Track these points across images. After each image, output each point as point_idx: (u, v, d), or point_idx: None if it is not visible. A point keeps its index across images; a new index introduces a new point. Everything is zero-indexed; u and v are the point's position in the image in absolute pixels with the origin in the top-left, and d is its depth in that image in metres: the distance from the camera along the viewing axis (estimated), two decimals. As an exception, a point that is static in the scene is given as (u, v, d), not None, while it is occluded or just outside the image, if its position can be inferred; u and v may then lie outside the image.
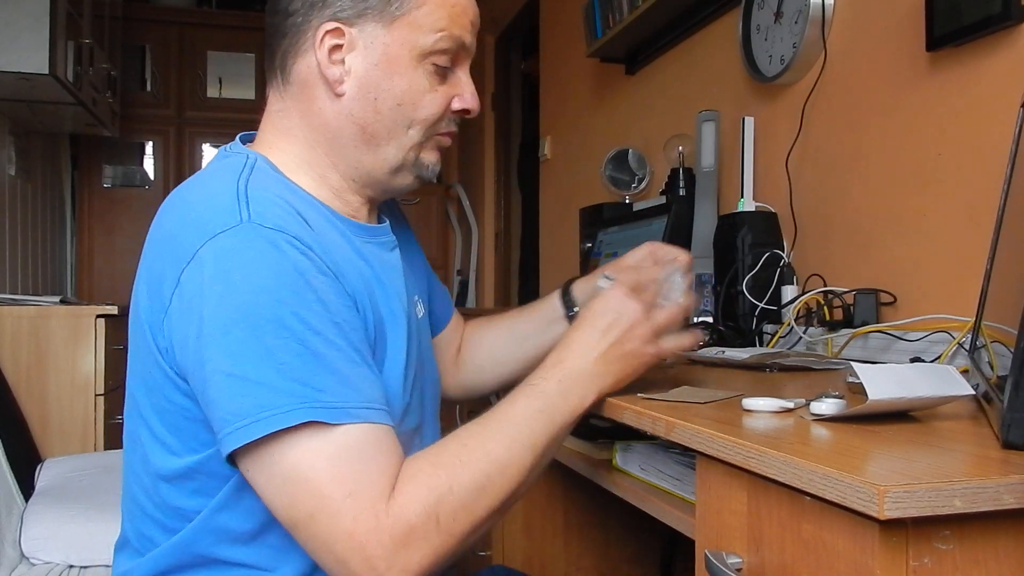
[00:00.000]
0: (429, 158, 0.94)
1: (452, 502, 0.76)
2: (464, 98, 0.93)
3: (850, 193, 1.51)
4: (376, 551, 0.72)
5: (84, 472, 2.15)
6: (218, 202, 0.80)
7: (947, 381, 0.74)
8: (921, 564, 0.54)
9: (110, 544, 0.95)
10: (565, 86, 3.12)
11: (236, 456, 0.75)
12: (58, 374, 2.48)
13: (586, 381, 0.87)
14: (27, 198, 3.42)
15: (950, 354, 1.11)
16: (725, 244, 1.61)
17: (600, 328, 0.88)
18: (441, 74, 0.91)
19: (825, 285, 1.46)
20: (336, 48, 0.88)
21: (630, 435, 1.04)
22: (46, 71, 2.55)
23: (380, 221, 1.00)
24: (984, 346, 0.91)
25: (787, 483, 0.60)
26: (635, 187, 2.33)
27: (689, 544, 0.80)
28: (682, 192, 1.94)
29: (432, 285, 1.14)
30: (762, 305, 1.51)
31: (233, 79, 4.55)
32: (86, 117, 3.26)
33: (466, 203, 4.42)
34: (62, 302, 2.64)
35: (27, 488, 2.06)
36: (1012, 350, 0.66)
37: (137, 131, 4.39)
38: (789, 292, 1.50)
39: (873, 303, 1.33)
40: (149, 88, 4.46)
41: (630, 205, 2.22)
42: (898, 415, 0.76)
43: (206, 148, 4.53)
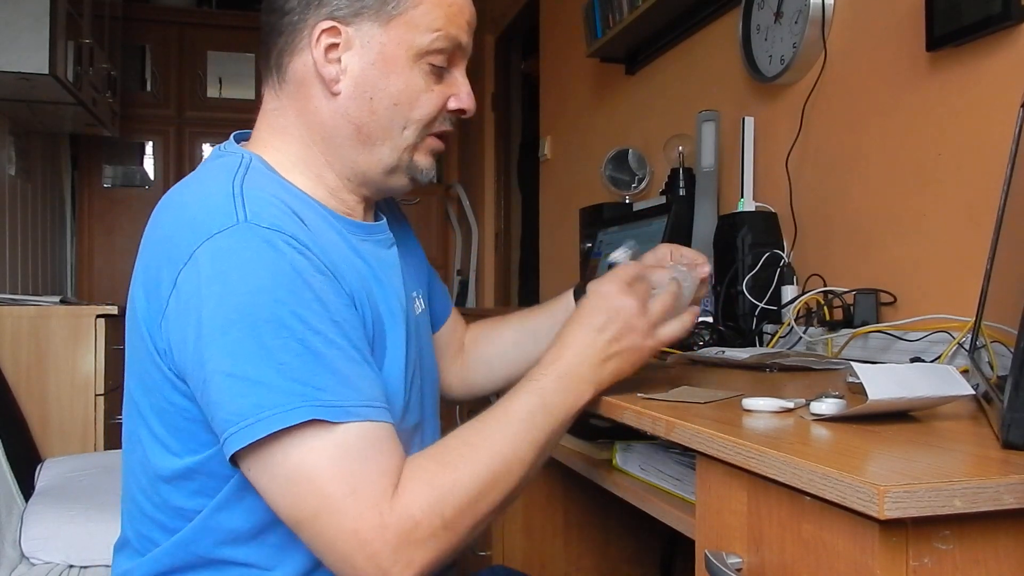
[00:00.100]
0: (423, 162, 0.94)
1: (457, 500, 0.76)
2: (460, 98, 0.93)
3: (850, 193, 1.51)
4: (380, 548, 0.72)
5: (84, 472, 2.15)
6: (213, 202, 0.79)
7: (947, 381, 0.74)
8: (921, 564, 0.54)
9: (110, 544, 0.95)
10: (565, 86, 3.12)
11: (238, 456, 0.75)
12: (58, 374, 2.48)
13: (584, 378, 0.87)
14: (27, 198, 3.42)
15: (950, 354, 1.11)
16: (725, 244, 1.61)
17: (595, 326, 0.87)
18: (437, 74, 0.91)
19: (825, 285, 1.46)
20: (332, 47, 0.88)
21: (630, 435, 1.04)
22: (46, 71, 2.55)
23: (377, 219, 1.00)
24: (984, 346, 0.91)
25: (787, 483, 0.60)
26: (635, 187, 2.33)
27: (689, 544, 0.80)
28: (682, 192, 1.94)
29: (432, 282, 1.14)
30: (762, 305, 1.51)
31: (233, 79, 4.55)
32: (86, 117, 3.26)
33: (466, 203, 4.42)
34: (62, 302, 2.64)
35: (27, 488, 2.06)
36: (1012, 350, 0.66)
37: (137, 131, 4.39)
38: (789, 292, 1.50)
39: (873, 303, 1.33)
40: (149, 88, 4.46)
41: (630, 205, 2.22)
42: (898, 415, 0.76)
43: (206, 148, 4.53)
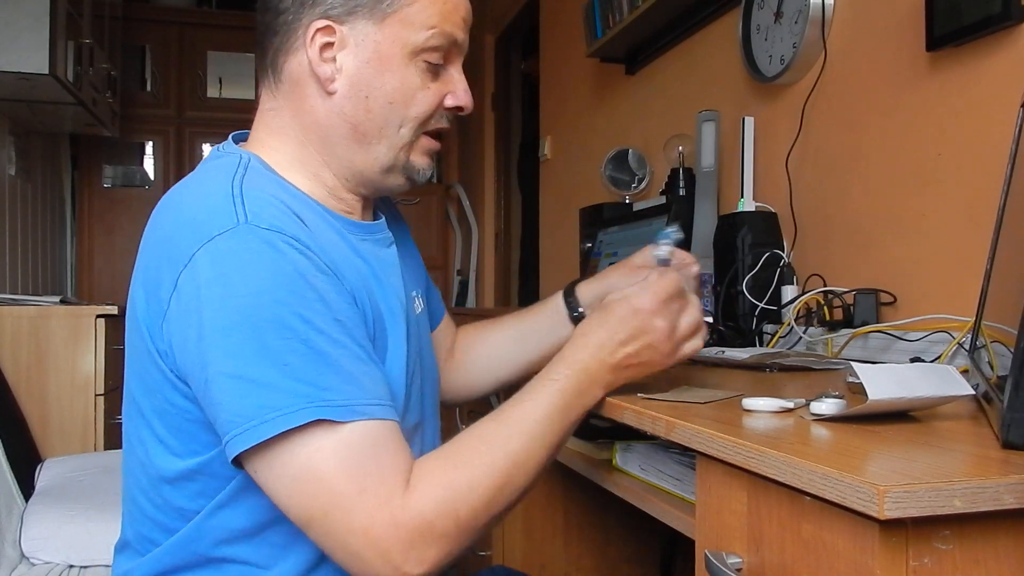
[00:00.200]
0: (420, 162, 0.93)
1: (472, 501, 0.76)
2: (457, 95, 0.93)
3: (850, 193, 1.51)
4: (392, 545, 0.73)
5: (84, 472, 2.15)
6: (213, 203, 0.79)
7: (947, 381, 0.74)
8: (921, 564, 0.54)
9: (110, 544, 0.95)
10: (565, 86, 3.12)
11: (243, 458, 0.75)
12: (58, 374, 2.48)
13: (599, 382, 0.87)
14: (27, 198, 3.42)
15: (950, 354, 1.11)
16: (725, 244, 1.61)
17: (620, 338, 0.87)
18: (433, 71, 0.91)
19: (825, 285, 1.46)
20: (327, 46, 0.87)
21: (630, 435, 1.04)
22: (46, 71, 2.55)
23: (376, 218, 0.99)
24: (984, 346, 0.91)
25: (787, 483, 0.60)
26: (635, 187, 2.33)
27: (689, 544, 0.80)
28: (682, 192, 1.94)
29: (427, 282, 1.14)
30: (762, 305, 1.51)
31: (233, 79, 4.55)
32: (86, 117, 3.26)
33: (466, 203, 4.42)
34: (62, 302, 2.64)
35: (27, 488, 2.06)
36: (1012, 350, 0.66)
37: (137, 131, 4.39)
38: (789, 292, 1.50)
39: (873, 303, 1.33)
40: (149, 88, 4.46)
41: (630, 205, 2.22)
42: (898, 415, 0.76)
43: (206, 148, 4.52)
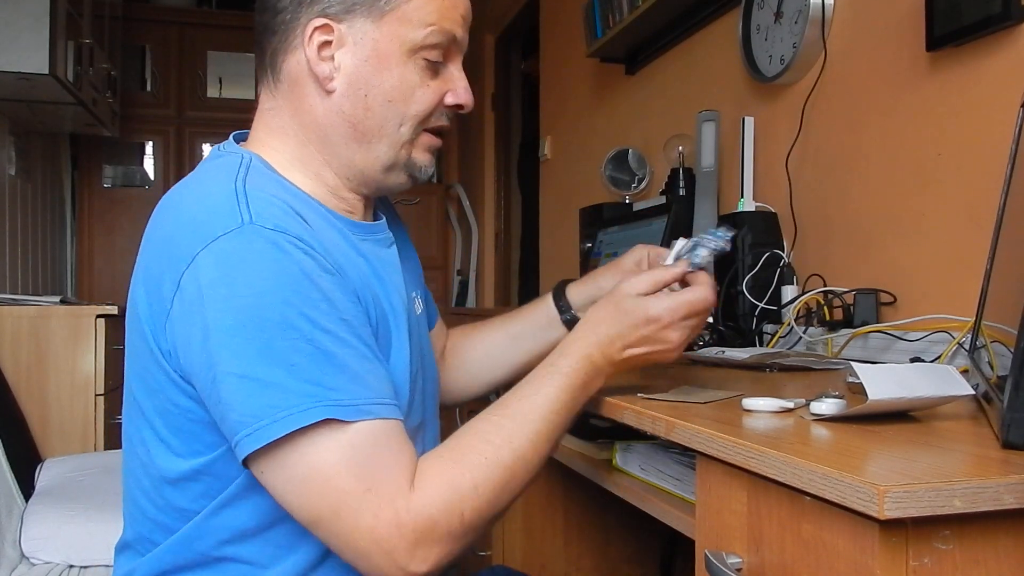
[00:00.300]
0: (422, 159, 0.93)
1: (477, 500, 0.76)
2: (457, 93, 0.92)
3: (850, 193, 1.51)
4: (397, 544, 0.73)
5: (84, 472, 2.15)
6: (216, 203, 0.79)
7: (947, 381, 0.74)
8: (921, 564, 0.54)
9: (110, 544, 0.95)
10: (565, 86, 3.12)
11: (250, 458, 0.75)
12: (58, 374, 2.48)
13: (602, 373, 0.88)
14: (27, 198, 3.42)
15: (950, 354, 1.11)
16: (725, 244, 1.60)
17: (629, 341, 0.88)
18: (433, 69, 0.90)
19: (825, 285, 1.46)
20: (325, 44, 0.87)
21: (630, 435, 1.04)
22: (46, 71, 2.55)
23: (376, 218, 0.99)
24: (984, 346, 0.91)
25: (787, 483, 0.60)
26: (635, 187, 2.33)
27: (689, 544, 0.80)
28: (682, 192, 1.93)
29: (424, 285, 1.14)
30: (762, 305, 1.51)
31: (233, 79, 4.55)
32: (86, 117, 3.25)
33: (466, 203, 4.42)
34: (62, 302, 2.64)
35: (27, 488, 2.06)
36: (1012, 350, 0.66)
37: (137, 131, 4.39)
38: (789, 292, 1.50)
39: (873, 303, 1.33)
40: (149, 88, 4.46)
41: (630, 205, 2.22)
42: (898, 415, 0.76)
43: (206, 148, 4.52)
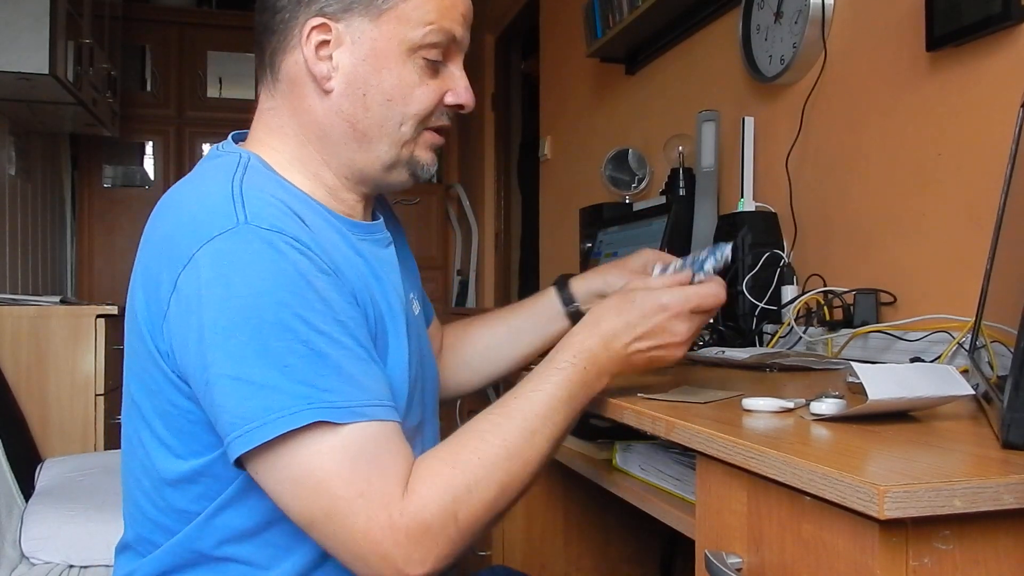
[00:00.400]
0: (424, 157, 0.92)
1: (472, 501, 0.76)
2: (457, 92, 0.92)
3: (850, 193, 1.51)
4: (392, 548, 0.73)
5: (84, 472, 2.15)
6: (213, 203, 0.79)
7: (947, 381, 0.74)
8: (921, 564, 0.54)
9: (110, 544, 0.95)
10: (565, 86, 3.12)
11: (244, 459, 0.75)
12: (58, 374, 2.48)
13: (606, 370, 0.86)
14: (27, 198, 3.42)
15: (950, 354, 1.11)
16: (725, 244, 1.60)
17: (637, 333, 0.86)
18: (432, 68, 0.89)
19: (825, 285, 1.46)
20: (323, 44, 0.87)
21: (630, 435, 1.04)
22: (46, 71, 2.55)
23: (375, 218, 0.99)
24: (984, 346, 0.90)
25: (787, 483, 0.60)
26: (635, 187, 2.33)
27: (689, 544, 0.80)
28: (682, 192, 1.93)
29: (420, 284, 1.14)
30: (762, 305, 1.51)
31: (233, 79, 4.54)
32: (86, 117, 3.25)
33: (466, 203, 4.42)
34: (62, 302, 2.64)
35: (27, 488, 2.06)
36: (1012, 350, 0.66)
37: (137, 131, 4.38)
38: (789, 292, 1.50)
39: (873, 303, 1.33)
40: (149, 88, 4.46)
41: (630, 205, 2.22)
42: (898, 415, 0.76)
43: (206, 148, 4.50)
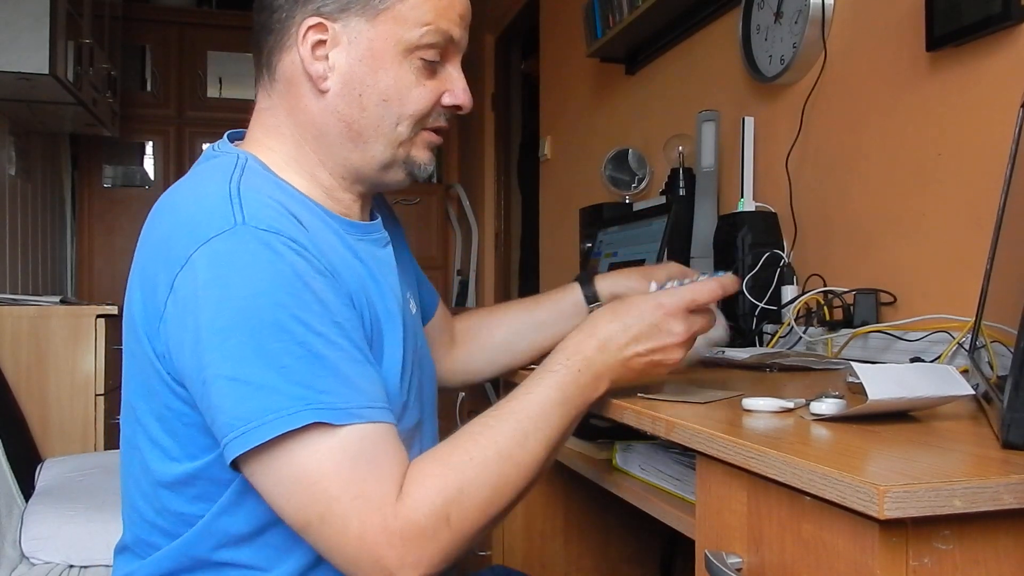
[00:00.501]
0: (421, 156, 0.92)
1: (463, 503, 0.75)
2: (455, 93, 0.91)
3: (850, 193, 1.51)
4: (386, 552, 0.72)
5: (84, 472, 2.15)
6: (210, 204, 0.79)
7: (947, 381, 0.74)
8: (921, 564, 0.54)
9: (110, 544, 0.95)
10: (565, 86, 3.12)
11: (239, 461, 0.75)
12: (58, 374, 2.48)
13: (603, 375, 0.86)
14: (27, 198, 3.42)
15: (950, 354, 1.11)
16: (725, 244, 1.60)
17: (633, 334, 0.86)
18: (430, 69, 0.89)
19: (825, 285, 1.46)
20: (320, 44, 0.87)
21: (630, 435, 1.04)
22: (46, 71, 2.54)
23: (372, 218, 0.99)
24: (984, 346, 0.90)
25: (787, 483, 0.60)
26: (635, 187, 2.33)
27: (689, 544, 0.80)
28: (682, 192, 1.93)
29: (419, 277, 1.13)
30: (762, 305, 1.51)
31: (233, 79, 4.54)
32: (86, 117, 3.25)
33: (466, 203, 4.42)
34: (62, 302, 2.64)
35: (27, 488, 2.06)
36: (1012, 350, 0.66)
37: (137, 131, 4.38)
38: (789, 292, 1.50)
39: (873, 303, 1.33)
40: (149, 88, 4.45)
41: (630, 205, 2.22)
42: (898, 415, 0.76)
43: (206, 148, 4.51)
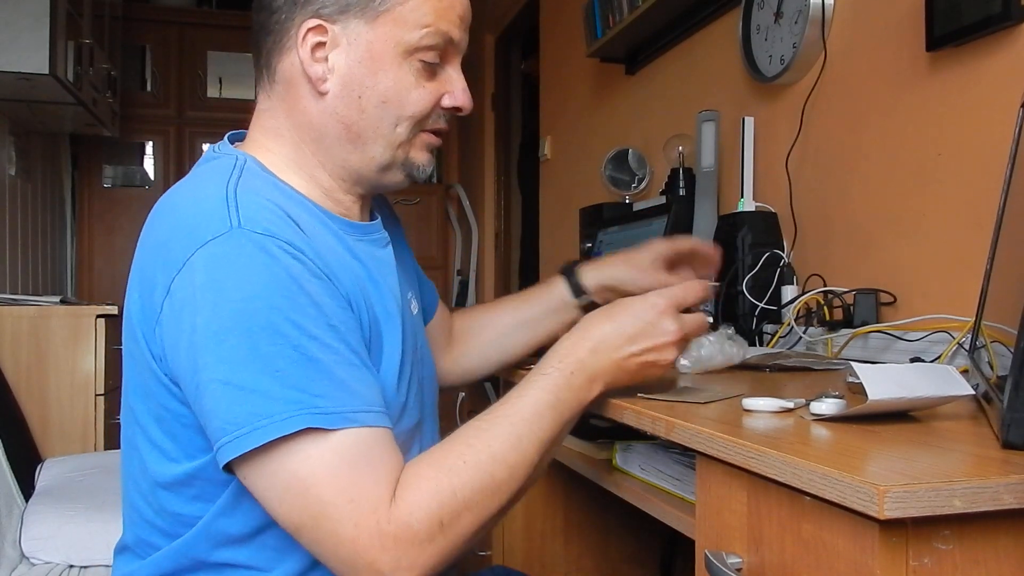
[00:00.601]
0: (420, 158, 0.92)
1: (456, 505, 0.75)
2: (455, 95, 0.91)
3: (850, 193, 1.51)
4: (379, 555, 0.72)
5: (84, 472, 2.15)
6: (207, 207, 0.79)
7: (947, 381, 0.74)
8: (921, 564, 0.54)
9: (110, 544, 0.95)
10: (565, 86, 3.12)
11: (234, 464, 0.75)
12: (58, 374, 2.48)
13: (596, 376, 0.86)
14: (27, 198, 3.42)
15: (950, 354, 1.11)
16: (725, 244, 1.60)
17: (627, 334, 0.86)
18: (430, 71, 0.89)
19: (825, 285, 1.46)
20: (319, 46, 0.87)
21: (630, 435, 1.04)
22: (46, 71, 2.55)
23: (372, 218, 0.99)
24: (984, 346, 0.90)
25: (787, 483, 0.60)
26: (635, 187, 2.33)
27: (689, 544, 0.80)
28: (682, 192, 1.93)
29: (420, 277, 1.13)
30: (762, 305, 1.51)
31: (233, 79, 4.54)
32: (86, 117, 3.25)
33: (466, 203, 4.42)
34: (62, 302, 2.64)
35: (27, 488, 2.06)
36: (1012, 350, 0.66)
37: (137, 131, 4.38)
38: (789, 292, 1.50)
39: (873, 303, 1.33)
40: (149, 88, 4.45)
41: (630, 205, 2.22)
42: (898, 415, 0.76)
43: (206, 148, 4.50)
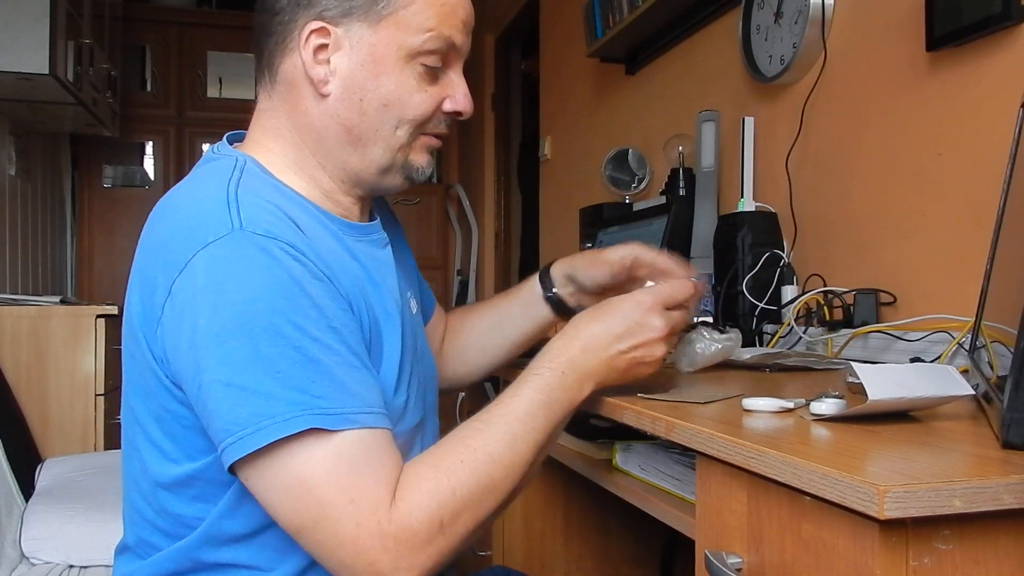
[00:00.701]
0: (419, 160, 0.92)
1: (455, 505, 0.75)
2: (456, 99, 0.92)
3: (850, 193, 1.51)
4: (380, 556, 0.72)
5: (84, 472, 2.15)
6: (208, 209, 0.79)
7: (947, 381, 0.74)
8: (921, 564, 0.54)
9: (110, 544, 0.95)
10: (565, 86, 3.12)
11: (235, 465, 0.75)
12: (58, 374, 2.48)
13: (588, 376, 0.87)
14: (27, 198, 3.42)
15: (950, 354, 1.11)
16: (725, 244, 1.60)
17: (615, 332, 0.87)
18: (431, 75, 0.89)
19: (825, 285, 1.46)
20: (321, 48, 0.87)
21: (630, 435, 1.04)
22: (46, 71, 2.55)
23: (372, 218, 0.99)
24: (984, 346, 0.90)
25: (787, 483, 0.60)
26: (635, 187, 2.33)
27: (689, 544, 0.80)
28: (682, 192, 1.93)
29: (419, 282, 1.14)
30: (762, 305, 1.51)
31: (233, 79, 4.54)
32: (86, 117, 3.25)
33: (466, 203, 4.42)
34: (62, 302, 2.64)
35: (27, 488, 2.06)
36: (1012, 350, 0.66)
37: (137, 131, 4.38)
38: (789, 292, 1.50)
39: (873, 303, 1.33)
40: (149, 88, 4.45)
41: (630, 205, 2.22)
42: (898, 415, 0.76)
43: (206, 148, 4.51)
